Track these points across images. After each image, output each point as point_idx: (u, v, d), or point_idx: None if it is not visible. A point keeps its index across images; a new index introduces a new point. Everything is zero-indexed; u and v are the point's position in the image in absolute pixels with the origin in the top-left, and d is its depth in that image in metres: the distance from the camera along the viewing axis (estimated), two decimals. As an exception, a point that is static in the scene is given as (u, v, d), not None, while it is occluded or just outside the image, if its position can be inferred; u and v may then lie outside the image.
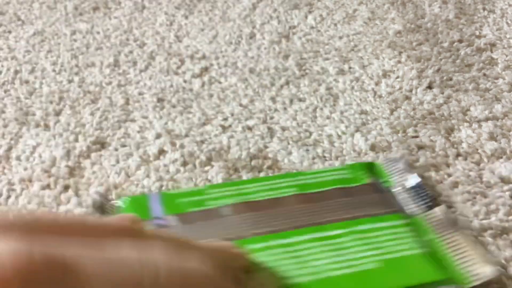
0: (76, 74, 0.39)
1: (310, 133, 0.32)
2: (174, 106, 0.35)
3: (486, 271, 0.22)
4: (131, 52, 0.41)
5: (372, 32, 0.43)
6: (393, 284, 0.22)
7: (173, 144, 0.31)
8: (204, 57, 0.40)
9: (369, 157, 0.30)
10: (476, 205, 0.26)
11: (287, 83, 0.37)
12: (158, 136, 0.32)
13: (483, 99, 0.35)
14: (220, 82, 0.37)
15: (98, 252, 0.15)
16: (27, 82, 0.38)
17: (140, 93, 0.36)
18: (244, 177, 0.28)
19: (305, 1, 0.48)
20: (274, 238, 0.23)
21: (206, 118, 0.34)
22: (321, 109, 0.34)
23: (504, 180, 0.28)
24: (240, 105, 0.35)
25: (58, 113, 0.34)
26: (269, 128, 0.32)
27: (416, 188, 0.26)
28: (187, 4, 0.49)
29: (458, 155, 0.30)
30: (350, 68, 0.39)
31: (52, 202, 0.28)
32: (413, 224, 0.25)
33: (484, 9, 0.46)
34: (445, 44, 0.41)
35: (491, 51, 0.40)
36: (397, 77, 0.37)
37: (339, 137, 0.32)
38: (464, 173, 0.28)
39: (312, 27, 0.44)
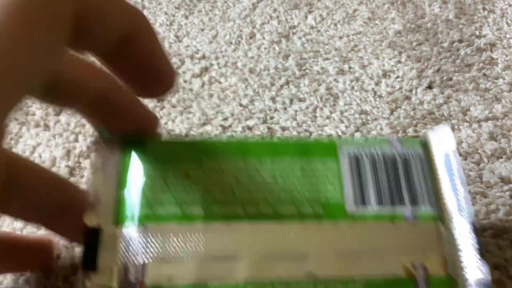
0: (76, 74, 0.39)
1: (310, 133, 0.32)
2: (174, 106, 0.35)
3: None
4: (131, 52, 0.41)
5: (372, 32, 0.43)
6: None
7: (173, 144, 0.31)
8: (204, 57, 0.40)
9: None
10: (476, 205, 0.26)
11: (287, 83, 0.37)
12: (158, 136, 0.32)
13: (483, 99, 0.35)
14: (220, 82, 0.37)
15: None
16: (27, 82, 0.38)
17: (140, 93, 0.36)
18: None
19: (305, 1, 0.48)
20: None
21: (206, 118, 0.34)
22: (321, 109, 0.34)
23: (504, 180, 0.28)
24: (240, 105, 0.35)
25: (58, 113, 0.34)
26: (269, 128, 0.32)
27: None
28: (187, 4, 0.49)
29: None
30: (350, 68, 0.39)
31: (52, 202, 0.28)
32: None
33: (484, 9, 0.46)
34: (445, 44, 0.41)
35: (491, 51, 0.40)
36: (397, 77, 0.37)
37: (339, 137, 0.32)
38: (464, 173, 0.28)
39: (312, 27, 0.44)
